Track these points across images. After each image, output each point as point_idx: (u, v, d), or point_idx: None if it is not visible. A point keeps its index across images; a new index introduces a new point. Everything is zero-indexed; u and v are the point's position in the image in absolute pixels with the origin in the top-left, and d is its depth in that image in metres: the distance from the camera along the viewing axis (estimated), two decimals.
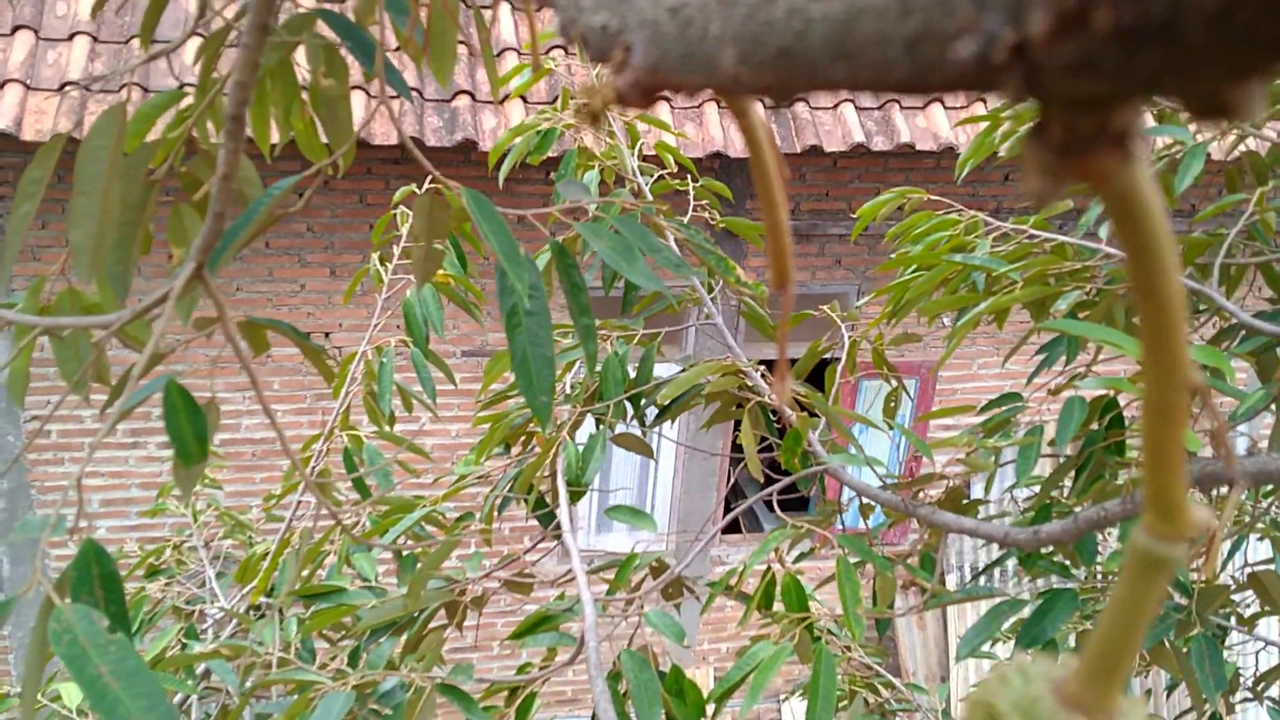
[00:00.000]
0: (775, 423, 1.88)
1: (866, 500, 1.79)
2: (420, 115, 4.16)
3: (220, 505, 2.73)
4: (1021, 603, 1.78)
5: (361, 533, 1.85)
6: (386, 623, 1.63)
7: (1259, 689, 2.29)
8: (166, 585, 2.33)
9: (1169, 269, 0.19)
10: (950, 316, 2.00)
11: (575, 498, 1.75)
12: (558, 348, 1.93)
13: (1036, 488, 1.84)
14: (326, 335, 4.83)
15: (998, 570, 5.16)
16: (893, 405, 2.08)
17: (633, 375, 1.88)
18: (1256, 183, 1.93)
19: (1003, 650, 3.70)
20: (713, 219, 2.09)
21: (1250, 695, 2.32)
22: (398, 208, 2.03)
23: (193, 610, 2.24)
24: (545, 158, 2.12)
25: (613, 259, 0.98)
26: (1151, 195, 0.19)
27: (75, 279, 0.98)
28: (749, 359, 1.82)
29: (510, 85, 3.18)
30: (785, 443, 1.74)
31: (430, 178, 1.00)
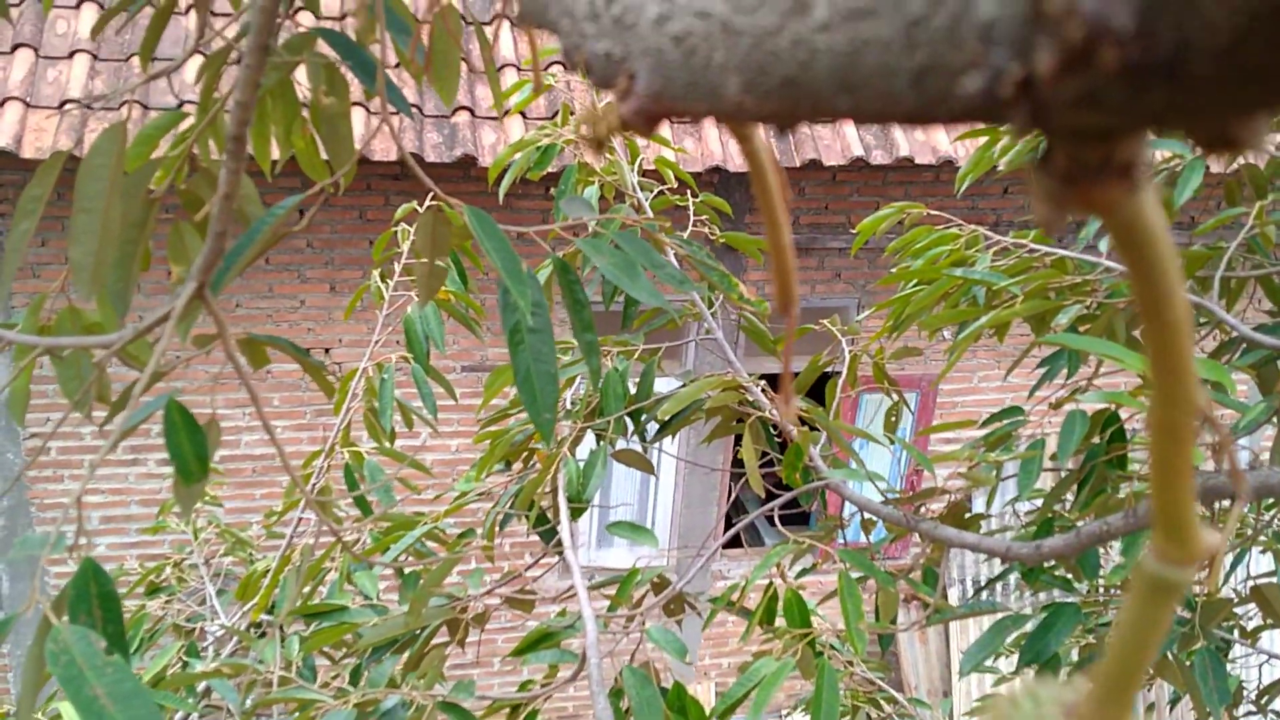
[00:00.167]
0: (776, 437, 1.88)
1: (868, 515, 1.79)
2: (420, 131, 4.17)
3: (221, 522, 2.73)
4: (1024, 618, 1.77)
5: (363, 550, 1.85)
6: (388, 640, 1.63)
7: (1262, 702, 2.28)
8: (167, 603, 2.33)
9: (1175, 294, 0.19)
10: (951, 330, 2.00)
11: (576, 514, 1.75)
12: (559, 363, 1.92)
13: (1039, 501, 1.84)
14: (326, 351, 4.83)
15: (1000, 584, 5.14)
16: (894, 420, 2.08)
17: (633, 391, 1.88)
18: (1256, 196, 1.94)
19: (1005, 665, 3.69)
20: (712, 234, 2.09)
21: (1254, 709, 2.31)
22: (399, 224, 2.04)
23: (193, 628, 2.24)
24: (545, 173, 2.13)
25: (615, 275, 0.98)
26: (1157, 223, 0.19)
27: (75, 297, 0.98)
28: (749, 373, 1.82)
29: (510, 101, 3.19)
30: (786, 458, 1.74)
31: (431, 195, 1.00)
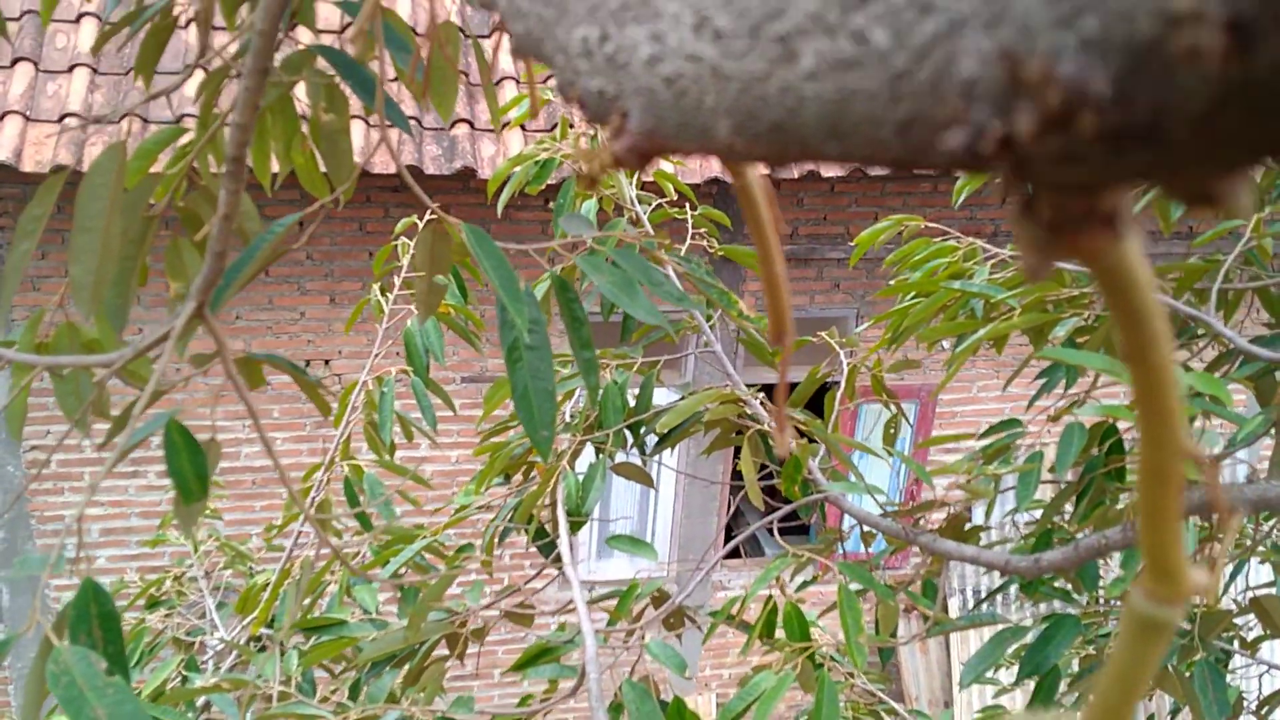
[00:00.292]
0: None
1: (868, 527, 1.79)
2: (419, 144, 4.18)
3: (220, 535, 2.73)
4: (1024, 629, 1.77)
5: (363, 563, 1.85)
6: (387, 655, 1.63)
7: (1263, 713, 2.28)
8: (167, 616, 2.33)
9: (1160, 340, 0.20)
10: (950, 341, 2.00)
11: (575, 527, 1.75)
12: (557, 378, 1.93)
13: (1038, 513, 1.84)
14: (326, 363, 4.83)
15: (1001, 596, 5.14)
16: (892, 432, 2.08)
17: (632, 403, 1.88)
18: (1253, 208, 1.94)
19: (1006, 676, 3.68)
20: (711, 247, 2.10)
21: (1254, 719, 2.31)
22: (399, 238, 2.04)
23: (193, 641, 2.23)
24: (545, 186, 2.13)
25: (613, 293, 0.98)
26: (1141, 271, 0.19)
27: (74, 314, 0.98)
28: (748, 385, 1.83)
29: (509, 114, 3.20)
30: (785, 471, 1.74)
31: (430, 211, 1.00)
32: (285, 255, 4.69)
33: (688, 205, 2.08)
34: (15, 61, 3.98)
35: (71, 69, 4.04)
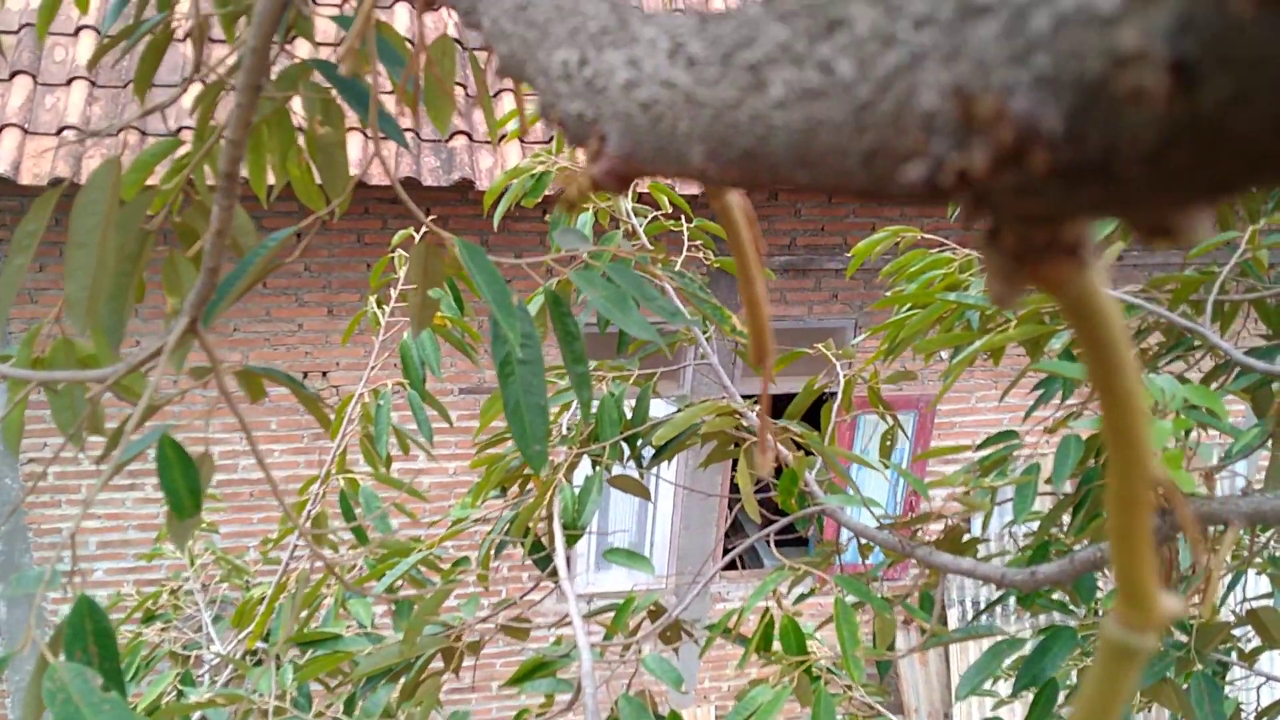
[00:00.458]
0: (774, 461, 1.87)
1: (865, 540, 1.79)
2: (417, 155, 4.18)
3: (217, 548, 2.72)
4: (1021, 641, 1.77)
5: (358, 577, 1.84)
6: (383, 669, 1.62)
7: None
8: (163, 630, 2.32)
9: (1126, 368, 0.20)
10: (948, 352, 2.00)
11: (572, 540, 1.75)
12: (553, 389, 1.93)
13: (1036, 524, 1.84)
14: (324, 375, 4.82)
15: (1000, 607, 5.13)
16: (889, 444, 2.08)
17: (629, 415, 1.88)
18: (1249, 219, 1.94)
19: (1004, 688, 3.68)
20: (707, 259, 2.10)
21: None
22: (395, 250, 2.04)
23: (189, 655, 2.23)
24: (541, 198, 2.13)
25: (607, 308, 0.98)
26: (1106, 299, 0.19)
27: (70, 329, 0.99)
28: (745, 396, 1.83)
29: (506, 127, 3.21)
30: (781, 483, 1.74)
31: (427, 223, 1.00)
32: (283, 267, 4.70)
33: (683, 218, 2.08)
34: (14, 75, 3.99)
35: (69, 82, 4.05)
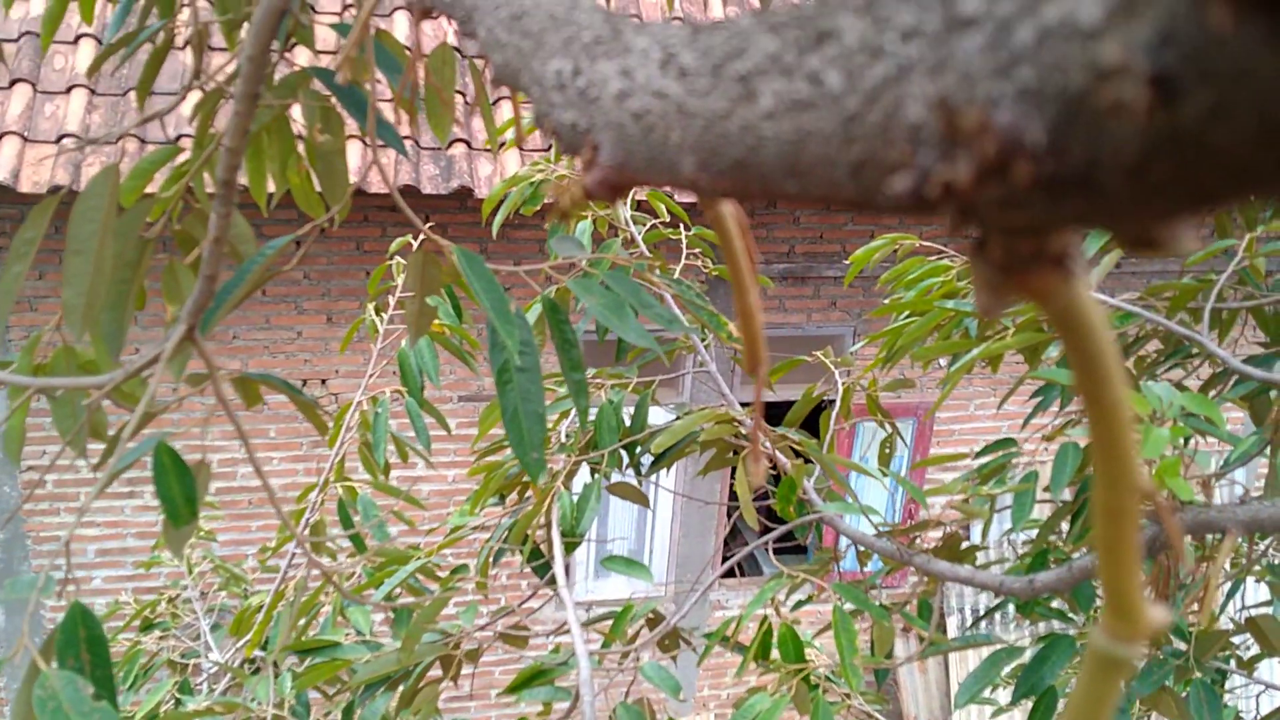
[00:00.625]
0: (771, 469, 1.88)
1: (863, 547, 1.78)
2: (416, 163, 4.19)
3: (215, 556, 2.72)
4: (1020, 650, 1.77)
5: (357, 585, 1.84)
6: (381, 677, 1.62)
7: None
8: (161, 638, 2.32)
9: (1113, 379, 0.20)
10: (946, 359, 2.00)
11: (570, 548, 1.75)
12: (552, 397, 1.93)
13: (1034, 531, 1.84)
14: (323, 382, 4.82)
15: (999, 614, 5.12)
16: (888, 451, 2.08)
17: (627, 423, 1.88)
18: (1246, 227, 1.94)
19: (1003, 696, 3.67)
20: (705, 266, 2.10)
21: None
22: (394, 258, 2.04)
23: (187, 664, 2.23)
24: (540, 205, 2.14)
25: (604, 316, 0.98)
26: (1093, 309, 0.19)
27: (70, 336, 0.99)
28: (744, 403, 1.83)
29: (506, 134, 3.21)
30: (780, 491, 1.74)
31: (422, 233, 1.00)
32: (282, 275, 4.69)
33: (681, 226, 2.08)
34: (13, 82, 4.00)
35: (69, 90, 4.05)
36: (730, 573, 5.68)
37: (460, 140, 4.28)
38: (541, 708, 1.76)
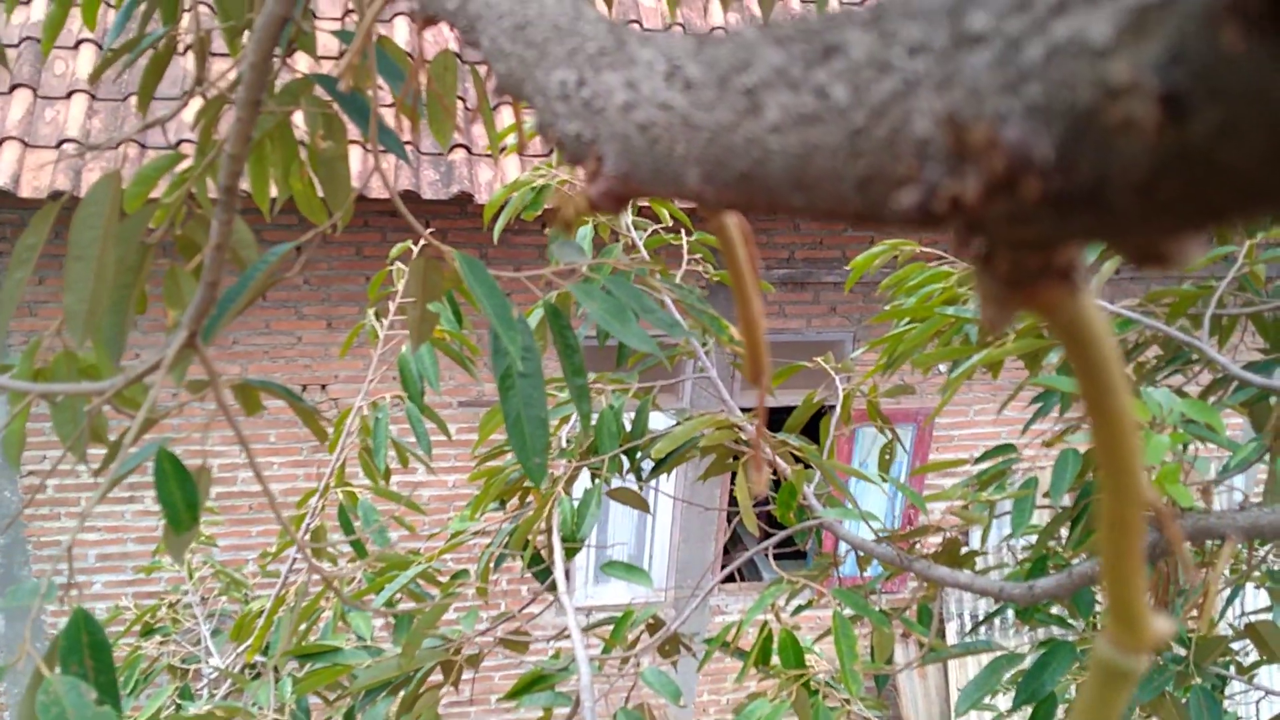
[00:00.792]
0: (772, 474, 1.88)
1: (863, 553, 1.78)
2: (417, 168, 4.19)
3: (216, 562, 2.72)
4: (1020, 656, 1.77)
5: (357, 590, 1.84)
6: (382, 682, 1.62)
7: None
8: (162, 643, 2.32)
9: (1119, 391, 0.20)
10: (946, 365, 2.00)
11: (570, 554, 1.75)
12: (553, 402, 1.93)
13: (1034, 537, 1.84)
14: (323, 388, 4.82)
15: (999, 620, 5.12)
16: (887, 457, 2.08)
17: (628, 428, 1.88)
18: (1246, 234, 1.95)
19: (1003, 702, 3.67)
20: (706, 272, 2.10)
21: None
22: (394, 263, 2.04)
23: (188, 669, 2.22)
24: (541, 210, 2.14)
25: (605, 321, 0.98)
26: (1098, 322, 0.20)
27: (70, 341, 0.99)
28: (744, 408, 1.83)
29: (507, 140, 3.21)
30: (780, 497, 1.74)
31: (423, 239, 1.00)
32: (282, 280, 4.69)
33: (683, 231, 2.08)
34: (14, 87, 4.00)
35: (70, 95, 4.05)
36: (730, 578, 5.68)
37: (460, 145, 4.28)
38: (542, 713, 1.76)
